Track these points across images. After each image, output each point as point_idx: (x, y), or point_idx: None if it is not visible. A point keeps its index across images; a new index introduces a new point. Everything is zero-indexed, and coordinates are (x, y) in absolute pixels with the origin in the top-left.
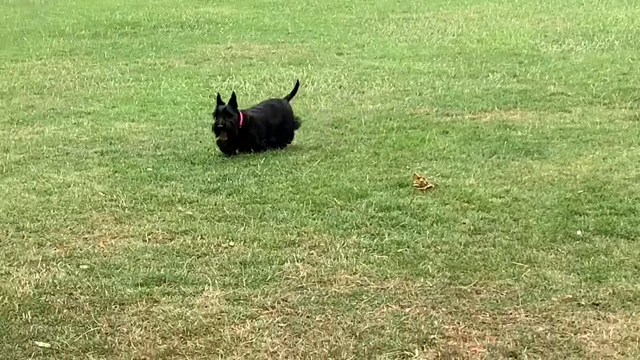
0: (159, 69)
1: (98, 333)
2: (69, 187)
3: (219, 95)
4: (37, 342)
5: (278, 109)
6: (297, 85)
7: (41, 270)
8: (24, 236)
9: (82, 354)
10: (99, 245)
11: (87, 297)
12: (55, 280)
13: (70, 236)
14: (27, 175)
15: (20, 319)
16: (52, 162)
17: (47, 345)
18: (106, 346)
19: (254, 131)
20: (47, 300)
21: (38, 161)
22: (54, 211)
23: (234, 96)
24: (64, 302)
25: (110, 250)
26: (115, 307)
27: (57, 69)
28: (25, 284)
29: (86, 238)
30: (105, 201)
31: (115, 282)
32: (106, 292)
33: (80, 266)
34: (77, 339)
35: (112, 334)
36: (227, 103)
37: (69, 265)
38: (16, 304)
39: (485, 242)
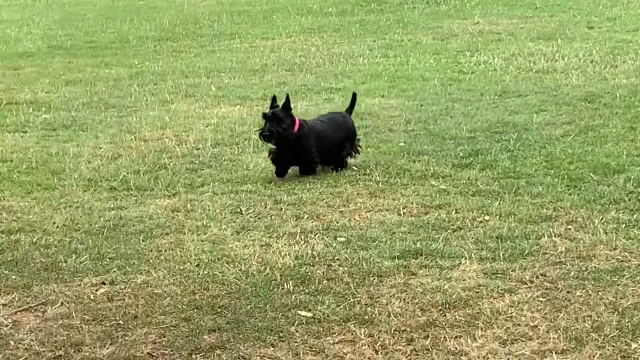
0: (407, 45)
1: (358, 304)
2: None
3: (274, 97)
4: (299, 311)
5: (341, 123)
6: (354, 97)
7: (300, 242)
8: (281, 209)
9: (344, 323)
10: (354, 219)
11: (346, 268)
12: (313, 252)
13: (326, 209)
14: None
15: (282, 288)
16: None
17: (309, 314)
18: (366, 317)
19: (307, 143)
20: (307, 271)
21: None
22: (309, 185)
23: (287, 99)
24: (323, 273)
25: (366, 223)
26: (374, 279)
27: (306, 46)
28: (285, 255)
29: (342, 211)
30: (359, 175)
31: (373, 255)
32: (364, 264)
33: (338, 238)
34: (337, 309)
35: (372, 305)
36: (280, 106)
37: (327, 237)
38: (277, 274)
39: None
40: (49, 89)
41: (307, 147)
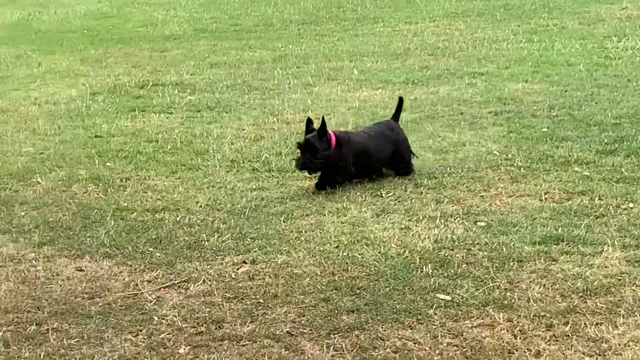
0: (552, 30)
1: (497, 288)
2: (464, 145)
3: (308, 120)
4: (437, 295)
5: (388, 136)
6: (401, 102)
7: (440, 226)
8: (422, 192)
9: (482, 308)
10: (495, 203)
11: (485, 253)
12: (453, 236)
13: (466, 194)
14: (424, 134)
15: (421, 271)
16: (447, 121)
17: (448, 297)
18: (505, 301)
19: (343, 158)
20: (446, 254)
21: (433, 120)
22: (450, 169)
23: (323, 122)
24: (462, 257)
25: (507, 209)
26: (514, 264)
27: (449, 30)
28: (425, 238)
29: (482, 196)
30: (501, 160)
31: (513, 240)
32: (504, 249)
33: (478, 223)
34: (476, 293)
35: (511, 290)
36: (315, 131)
37: (467, 221)
38: (417, 257)
39: None
40: (194, 71)
41: (338, 161)
